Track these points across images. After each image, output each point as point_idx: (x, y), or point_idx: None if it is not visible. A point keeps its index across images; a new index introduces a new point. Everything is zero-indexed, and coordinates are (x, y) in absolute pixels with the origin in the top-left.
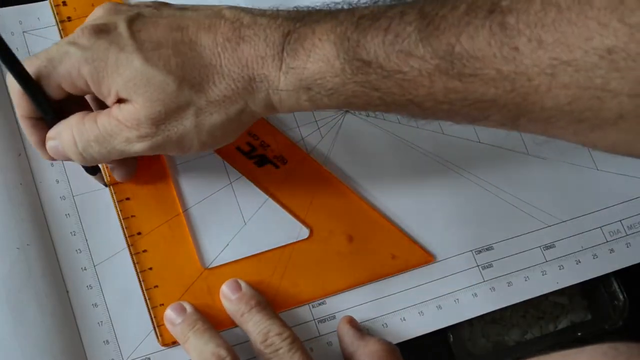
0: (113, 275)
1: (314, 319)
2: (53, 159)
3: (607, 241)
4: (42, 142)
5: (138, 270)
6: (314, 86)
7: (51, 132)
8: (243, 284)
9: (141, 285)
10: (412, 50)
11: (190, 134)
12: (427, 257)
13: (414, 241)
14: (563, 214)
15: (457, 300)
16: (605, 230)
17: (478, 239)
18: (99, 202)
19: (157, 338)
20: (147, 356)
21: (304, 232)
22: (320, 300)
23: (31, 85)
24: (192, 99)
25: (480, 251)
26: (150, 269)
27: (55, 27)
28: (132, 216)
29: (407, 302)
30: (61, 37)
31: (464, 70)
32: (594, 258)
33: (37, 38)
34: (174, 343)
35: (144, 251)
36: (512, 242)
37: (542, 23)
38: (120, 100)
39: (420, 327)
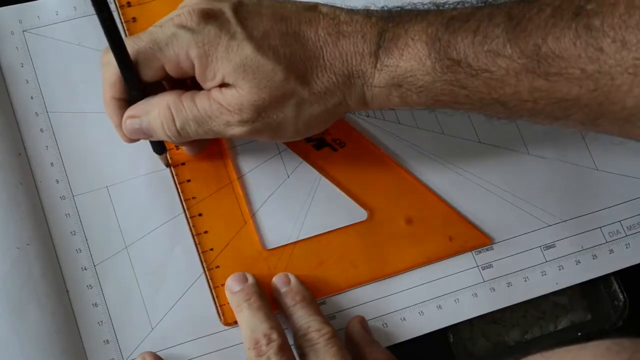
0: (113, 275)
1: None
2: (132, 140)
3: (607, 242)
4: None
5: (200, 251)
6: (404, 83)
7: (134, 111)
8: (292, 279)
9: (203, 266)
10: (500, 51)
11: (289, 122)
12: (484, 240)
13: (471, 223)
14: (563, 214)
15: (457, 300)
16: (605, 230)
17: None
18: (99, 202)
19: (220, 317)
20: None
21: (363, 214)
22: (320, 300)
23: (130, 65)
24: (296, 89)
25: (480, 251)
26: (212, 249)
27: (58, 25)
28: (192, 197)
29: (407, 302)
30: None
31: (550, 69)
32: (593, 258)
33: (37, 37)
34: (236, 323)
35: (205, 232)
36: (512, 242)
37: (626, 25)
38: (221, 85)
39: (420, 327)
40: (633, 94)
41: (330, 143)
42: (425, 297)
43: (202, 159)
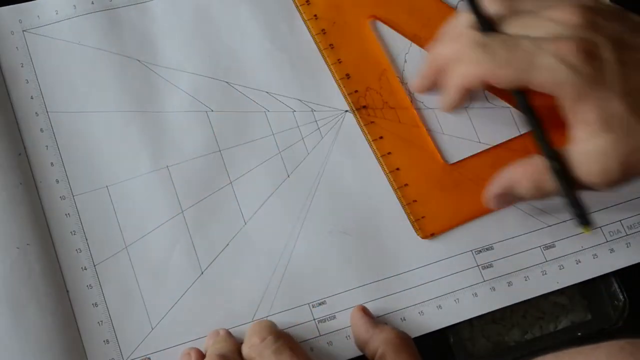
0: (113, 274)
1: (314, 319)
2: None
3: (607, 241)
4: None
5: (387, 171)
6: None
7: (503, 180)
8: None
9: (392, 186)
10: None
11: None
12: None
13: None
14: (563, 213)
15: (457, 300)
16: (605, 230)
17: (478, 239)
18: (99, 202)
19: (417, 231)
20: (147, 356)
21: None
22: (320, 300)
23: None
24: None
25: (480, 251)
26: (398, 169)
27: (58, 24)
28: (371, 122)
29: (407, 302)
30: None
31: None
32: (594, 258)
33: (37, 36)
34: (433, 235)
35: (389, 153)
36: (512, 242)
37: None
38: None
39: (420, 327)
40: None
41: None
42: (425, 297)
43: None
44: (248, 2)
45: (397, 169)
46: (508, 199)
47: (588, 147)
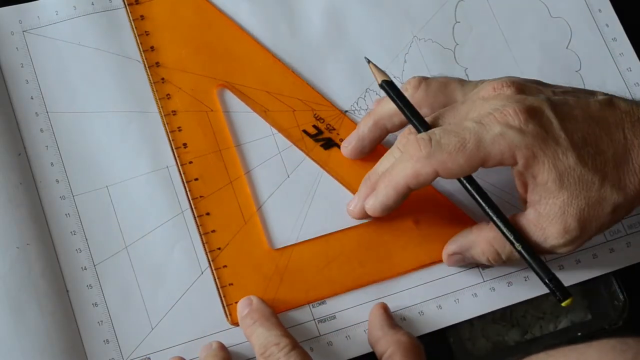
0: (113, 274)
1: (314, 319)
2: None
3: (607, 241)
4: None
5: (207, 250)
6: None
7: (454, 247)
8: (254, 300)
9: (210, 265)
10: None
11: (604, 227)
12: None
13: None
14: None
15: (457, 300)
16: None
17: None
18: (99, 202)
19: (227, 317)
20: (147, 356)
21: None
22: (320, 300)
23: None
24: (612, 196)
25: None
26: (219, 249)
27: (58, 25)
28: (200, 196)
29: (407, 302)
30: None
31: None
32: (593, 258)
33: (37, 37)
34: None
35: (213, 231)
36: None
37: None
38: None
39: (420, 327)
40: None
41: (338, 143)
42: (425, 297)
43: (208, 157)
44: (248, 2)
45: (219, 248)
46: (463, 259)
47: (546, 208)
